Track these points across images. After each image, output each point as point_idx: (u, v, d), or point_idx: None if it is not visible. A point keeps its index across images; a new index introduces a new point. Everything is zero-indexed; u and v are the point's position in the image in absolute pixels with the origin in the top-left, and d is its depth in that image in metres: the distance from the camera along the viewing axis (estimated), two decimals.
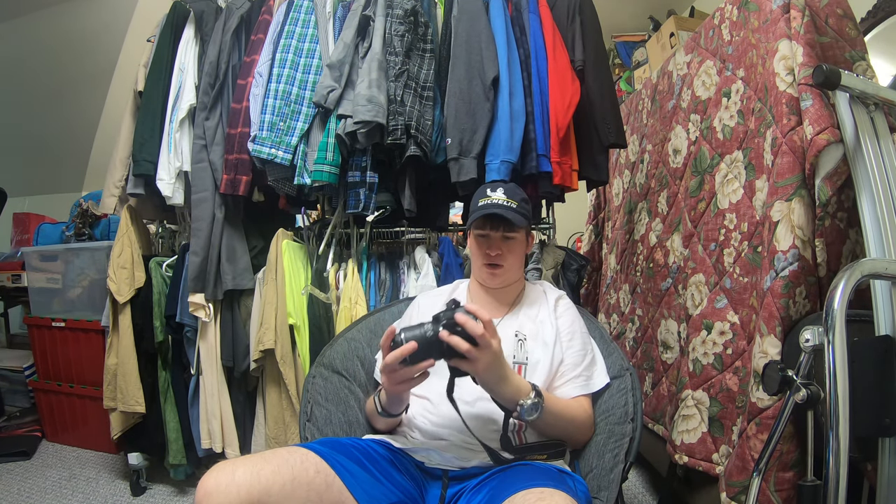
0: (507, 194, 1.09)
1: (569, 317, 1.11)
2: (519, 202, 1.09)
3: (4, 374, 2.50)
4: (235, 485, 0.72)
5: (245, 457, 0.80)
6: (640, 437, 0.95)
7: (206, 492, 0.72)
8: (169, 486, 1.83)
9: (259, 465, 0.76)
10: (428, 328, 0.83)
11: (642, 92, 2.02)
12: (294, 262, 1.59)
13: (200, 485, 0.73)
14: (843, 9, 1.09)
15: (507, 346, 1.02)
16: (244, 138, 1.56)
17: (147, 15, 2.68)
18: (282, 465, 0.78)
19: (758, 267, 1.14)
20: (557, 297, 1.15)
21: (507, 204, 1.07)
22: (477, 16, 1.51)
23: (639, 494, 1.74)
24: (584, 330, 1.11)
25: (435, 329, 0.82)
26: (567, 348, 1.06)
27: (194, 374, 1.71)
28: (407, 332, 0.83)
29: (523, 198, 1.11)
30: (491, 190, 1.11)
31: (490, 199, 1.08)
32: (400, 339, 0.83)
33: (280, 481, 0.76)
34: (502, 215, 1.05)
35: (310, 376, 1.15)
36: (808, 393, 0.81)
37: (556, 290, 1.19)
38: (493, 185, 1.12)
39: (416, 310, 1.19)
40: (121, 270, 1.73)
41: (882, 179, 0.91)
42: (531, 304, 1.14)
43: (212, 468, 0.75)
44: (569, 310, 1.13)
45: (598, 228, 2.48)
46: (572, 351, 1.06)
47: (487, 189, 1.11)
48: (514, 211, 1.07)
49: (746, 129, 1.24)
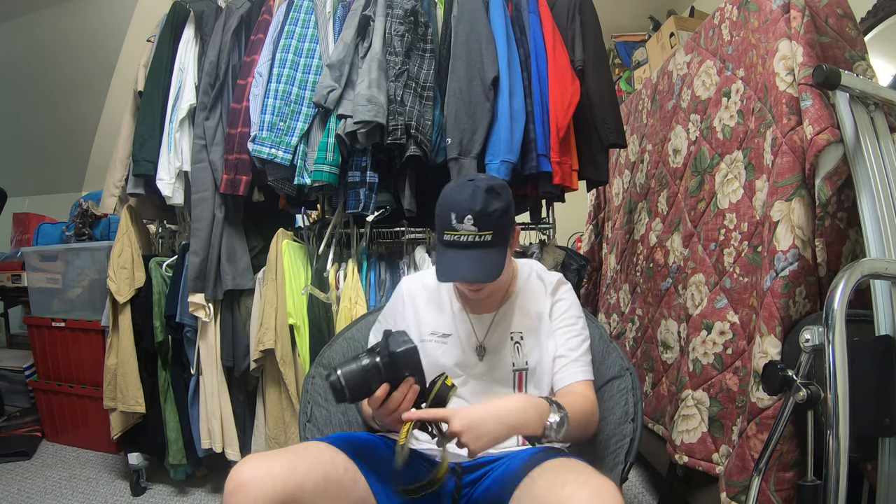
0: (477, 223, 0.89)
1: (568, 300, 1.06)
2: (495, 221, 0.90)
3: (4, 374, 2.50)
4: (272, 478, 0.72)
5: (278, 451, 0.79)
6: (640, 437, 0.95)
7: (239, 482, 0.71)
8: (169, 486, 1.83)
9: (294, 462, 0.76)
10: (363, 360, 0.79)
11: (642, 92, 2.02)
12: (294, 262, 1.59)
13: (233, 475, 0.72)
14: (843, 9, 1.09)
15: (504, 352, 1.01)
16: (244, 138, 1.56)
17: (147, 15, 2.68)
18: (315, 462, 0.78)
19: (758, 267, 1.14)
20: (556, 281, 1.08)
21: (478, 239, 0.90)
22: (477, 16, 1.50)
23: (639, 494, 1.74)
24: (584, 318, 1.07)
25: (371, 360, 0.78)
26: (566, 333, 1.01)
27: (194, 374, 1.71)
28: (342, 368, 0.79)
29: (499, 208, 0.91)
30: (457, 217, 0.90)
31: (457, 233, 0.91)
32: (335, 377, 0.78)
33: (314, 479, 0.76)
34: (472, 277, 0.91)
35: (309, 376, 1.15)
36: (808, 393, 0.81)
37: (554, 273, 1.10)
38: (458, 208, 0.90)
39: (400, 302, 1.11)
40: (121, 270, 1.73)
41: (882, 179, 0.91)
42: (527, 293, 1.06)
43: (244, 460, 0.75)
44: (569, 293, 1.07)
45: (598, 228, 2.48)
46: (573, 334, 1.01)
47: (452, 215, 0.90)
48: (489, 247, 0.91)
49: (746, 128, 1.24)
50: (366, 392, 0.79)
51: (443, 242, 0.94)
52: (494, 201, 0.91)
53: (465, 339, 1.04)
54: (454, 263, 0.92)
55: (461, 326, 1.05)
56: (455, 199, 0.91)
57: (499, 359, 1.02)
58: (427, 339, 1.05)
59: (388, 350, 0.79)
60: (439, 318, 1.07)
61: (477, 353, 1.04)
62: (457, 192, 0.93)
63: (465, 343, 1.04)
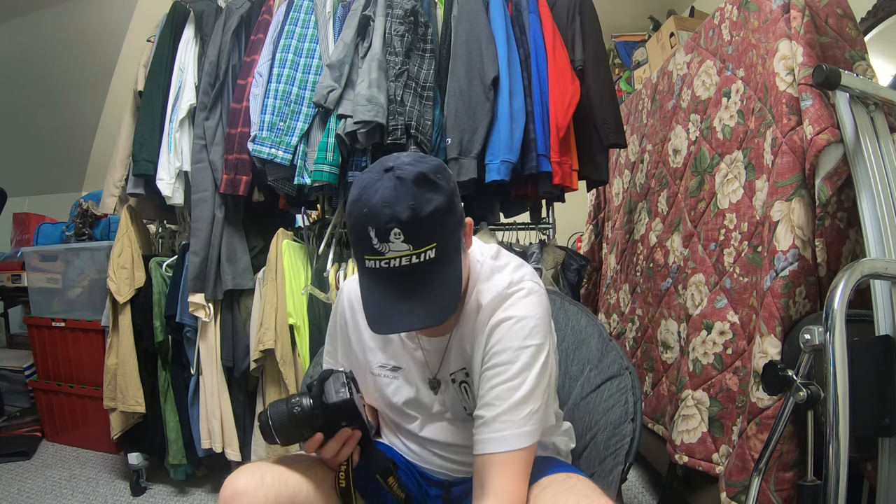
0: (410, 237, 0.63)
1: (506, 328, 0.73)
2: (438, 226, 0.65)
3: (4, 374, 2.50)
4: (264, 489, 0.72)
5: (271, 462, 0.79)
6: (640, 437, 0.95)
7: (233, 492, 0.71)
8: (169, 486, 1.83)
9: (286, 473, 0.76)
10: (294, 406, 0.73)
11: (642, 92, 2.02)
12: (294, 262, 1.59)
13: (228, 484, 0.72)
14: (843, 9, 1.09)
15: (454, 397, 0.83)
16: (244, 138, 1.56)
17: (147, 15, 2.68)
18: (307, 472, 0.78)
19: (758, 267, 1.14)
20: (500, 294, 0.75)
21: (416, 260, 0.64)
22: (477, 16, 1.51)
23: (639, 494, 1.74)
24: (534, 348, 0.72)
25: (301, 407, 0.73)
26: (493, 374, 0.71)
27: (194, 374, 1.71)
28: (273, 408, 0.74)
29: (439, 205, 0.65)
30: (378, 234, 0.63)
31: (383, 257, 0.64)
32: (264, 418, 0.73)
33: (305, 490, 0.76)
34: (419, 323, 0.66)
35: (307, 377, 1.15)
36: (808, 393, 0.81)
37: (518, 278, 0.77)
38: (377, 218, 0.63)
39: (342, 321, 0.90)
40: (121, 270, 1.73)
41: (882, 179, 0.91)
42: (473, 319, 0.77)
43: (239, 469, 0.75)
44: (514, 323, 0.72)
45: (598, 228, 2.48)
46: (501, 379, 0.71)
47: (371, 231, 0.63)
48: (435, 266, 0.65)
49: (746, 128, 1.24)
50: (297, 437, 0.75)
51: (364, 272, 0.68)
52: (430, 195, 0.64)
53: (416, 371, 0.84)
54: (387, 304, 0.66)
55: (411, 356, 0.84)
56: (371, 205, 0.64)
57: (456, 400, 0.83)
58: (376, 372, 0.86)
59: (320, 400, 0.73)
60: (386, 345, 0.85)
61: (431, 388, 0.84)
62: (370, 191, 0.64)
63: (417, 377, 0.84)
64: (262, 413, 0.74)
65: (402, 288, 0.66)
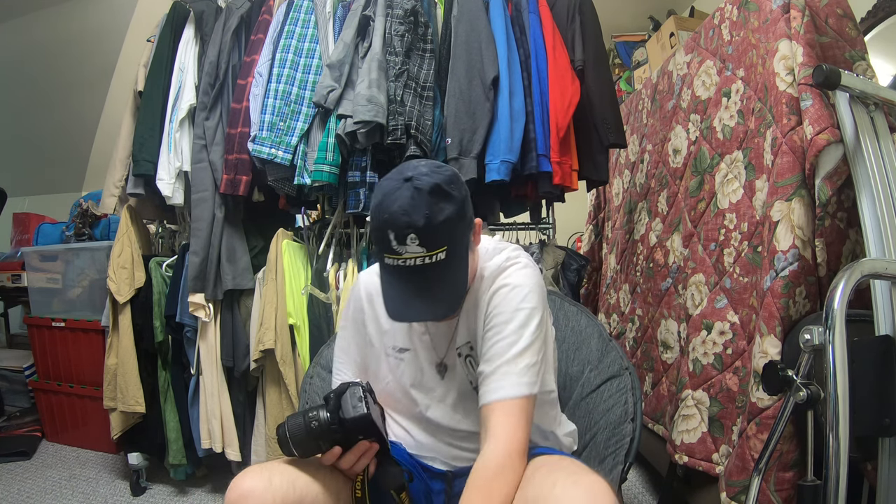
0: (424, 241, 0.72)
1: (508, 287, 0.82)
2: (449, 233, 0.74)
3: (4, 374, 2.50)
4: (272, 491, 0.72)
5: (278, 463, 0.79)
6: (639, 437, 0.95)
7: (241, 493, 0.71)
8: (169, 486, 1.83)
9: (294, 475, 0.76)
10: (312, 419, 0.74)
11: (642, 92, 2.02)
12: (294, 262, 1.59)
13: (234, 485, 0.72)
14: (843, 9, 1.09)
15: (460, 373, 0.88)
16: (244, 138, 1.56)
17: (147, 15, 2.68)
18: (315, 475, 0.78)
19: (758, 267, 1.14)
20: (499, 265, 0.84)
21: (429, 261, 0.73)
22: (477, 16, 1.51)
23: (639, 494, 1.74)
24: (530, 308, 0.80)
25: (319, 422, 0.74)
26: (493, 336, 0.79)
27: (194, 374, 1.71)
28: (291, 421, 0.75)
29: (451, 214, 0.74)
30: (396, 238, 0.73)
31: (400, 256, 0.74)
32: (282, 430, 0.75)
33: (313, 493, 0.76)
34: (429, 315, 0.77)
35: (307, 377, 1.15)
36: (808, 393, 0.81)
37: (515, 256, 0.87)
38: (397, 224, 0.72)
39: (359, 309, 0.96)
40: (121, 270, 1.73)
41: (882, 179, 0.91)
42: (476, 292, 0.86)
43: (246, 470, 0.76)
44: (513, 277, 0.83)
45: (598, 228, 2.48)
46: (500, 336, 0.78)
47: (391, 235, 0.73)
48: (444, 266, 0.74)
49: (746, 128, 1.24)
50: (315, 449, 0.76)
51: (384, 267, 0.78)
52: (443, 205, 0.73)
53: (423, 354, 0.89)
54: (404, 297, 0.76)
55: (420, 339, 0.90)
56: (391, 211, 0.73)
57: (462, 377, 0.89)
58: (389, 353, 0.92)
59: (337, 415, 0.74)
60: (398, 328, 0.91)
61: (438, 372, 0.89)
62: (391, 199, 0.74)
63: (423, 359, 0.89)
64: (280, 426, 0.76)
65: (417, 282, 0.75)
